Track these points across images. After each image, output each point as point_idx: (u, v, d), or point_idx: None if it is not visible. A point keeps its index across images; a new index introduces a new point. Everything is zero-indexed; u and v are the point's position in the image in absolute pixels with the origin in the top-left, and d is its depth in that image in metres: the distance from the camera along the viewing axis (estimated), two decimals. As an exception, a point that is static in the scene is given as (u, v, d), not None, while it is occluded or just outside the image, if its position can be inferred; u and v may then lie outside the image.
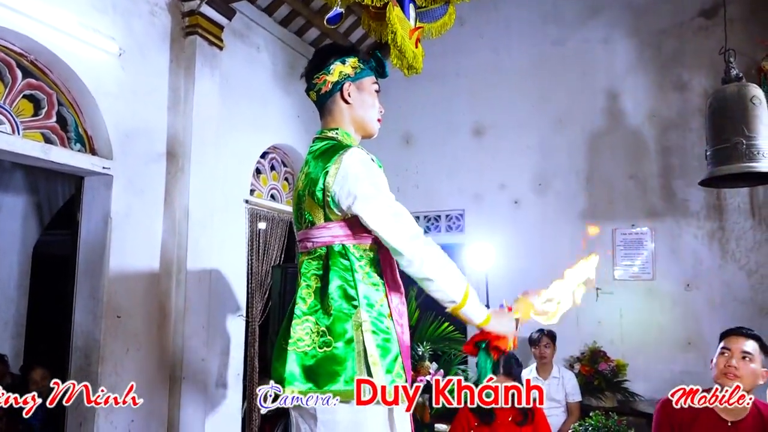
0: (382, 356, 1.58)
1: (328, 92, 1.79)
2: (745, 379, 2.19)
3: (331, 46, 1.91)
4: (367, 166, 1.63)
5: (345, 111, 1.79)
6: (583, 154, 5.19)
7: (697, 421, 2.24)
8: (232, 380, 4.11)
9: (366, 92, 1.81)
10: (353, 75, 1.79)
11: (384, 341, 1.60)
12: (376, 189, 1.60)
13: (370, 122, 1.82)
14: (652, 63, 5.05)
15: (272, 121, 4.86)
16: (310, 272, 1.69)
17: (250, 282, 4.42)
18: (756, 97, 3.33)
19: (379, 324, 1.61)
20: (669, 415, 2.31)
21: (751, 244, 4.60)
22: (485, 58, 5.59)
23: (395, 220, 1.58)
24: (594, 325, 4.91)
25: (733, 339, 2.27)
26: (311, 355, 1.57)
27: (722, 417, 2.22)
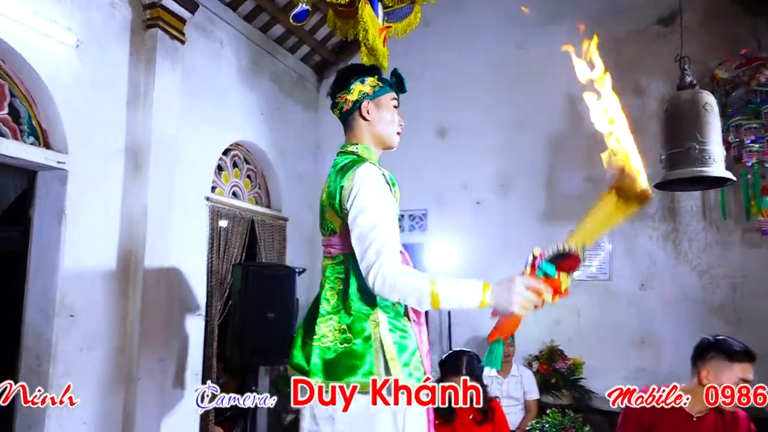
0: (399, 352, 1.70)
1: (349, 110, 1.93)
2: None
3: (352, 66, 2.01)
4: (373, 183, 1.73)
5: (365, 127, 1.93)
6: (543, 156, 5.28)
7: (664, 416, 2.31)
8: (190, 380, 4.04)
9: (384, 108, 1.94)
10: (371, 93, 1.92)
11: (401, 338, 1.73)
12: (367, 207, 1.68)
13: (389, 136, 1.97)
14: (611, 68, 5.10)
15: (235, 117, 4.80)
16: (334, 276, 1.83)
17: (210, 281, 4.35)
18: (708, 104, 3.44)
19: (396, 323, 1.75)
20: (636, 410, 2.37)
21: (703, 245, 4.76)
22: (450, 59, 5.63)
23: (366, 243, 1.64)
24: (552, 324, 5.01)
25: (750, 369, 2.25)
26: (333, 350, 1.72)
27: (688, 411, 2.30)
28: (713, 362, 2.27)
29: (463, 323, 5.16)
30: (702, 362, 2.31)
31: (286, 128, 5.49)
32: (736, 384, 2.21)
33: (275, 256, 5.13)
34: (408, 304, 1.65)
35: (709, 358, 2.29)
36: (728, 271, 4.66)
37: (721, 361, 2.25)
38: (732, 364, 2.23)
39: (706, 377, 2.28)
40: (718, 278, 4.69)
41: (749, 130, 3.97)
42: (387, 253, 1.62)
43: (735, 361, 2.24)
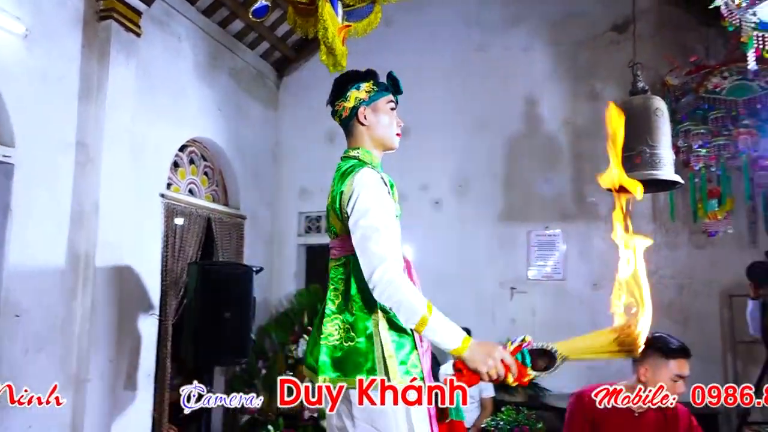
0: (397, 350, 1.77)
1: (347, 117, 1.98)
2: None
3: (348, 73, 2.06)
4: (372, 188, 1.78)
5: (363, 132, 1.97)
6: (501, 157, 5.36)
7: (609, 411, 2.37)
8: (142, 381, 3.95)
9: (381, 112, 1.97)
10: (367, 99, 1.97)
11: (399, 337, 1.79)
12: (368, 211, 1.74)
13: (389, 138, 1.99)
14: (567, 73, 5.29)
15: (192, 113, 4.71)
16: (337, 277, 1.90)
17: (164, 279, 4.25)
18: (659, 109, 3.55)
19: (395, 322, 1.78)
20: (583, 406, 2.44)
21: (652, 247, 4.89)
22: (411, 60, 5.64)
23: (368, 246, 1.71)
24: (508, 322, 5.09)
25: (685, 365, 2.30)
26: (339, 348, 1.79)
27: (630, 408, 2.37)
28: (650, 359, 2.33)
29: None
30: (640, 360, 2.36)
31: (245, 125, 5.42)
32: (672, 380, 2.28)
33: (232, 254, 5.06)
34: (397, 314, 1.69)
35: (646, 356, 2.32)
36: (676, 272, 4.83)
37: (658, 358, 2.31)
38: (668, 361, 2.29)
39: (644, 374, 2.35)
40: (666, 278, 4.85)
41: (697, 135, 4.11)
42: (390, 260, 1.68)
43: (670, 357, 2.29)
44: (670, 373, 2.28)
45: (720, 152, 4.13)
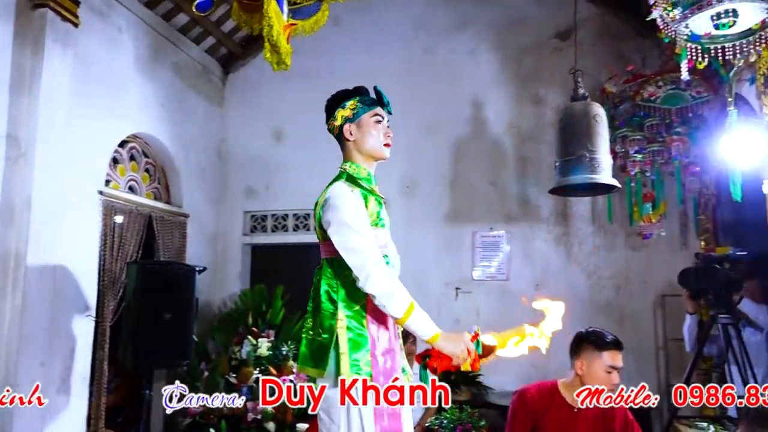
0: (351, 350, 1.91)
1: (337, 134, 2.15)
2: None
3: (337, 94, 2.21)
4: (344, 199, 1.95)
5: (352, 147, 2.13)
6: (448, 159, 5.43)
7: (550, 408, 2.47)
8: (77, 385, 3.79)
9: (366, 127, 2.11)
10: (352, 116, 2.12)
11: (356, 336, 1.93)
12: (344, 219, 1.92)
13: (375, 150, 2.13)
14: (513, 77, 5.41)
15: (133, 108, 4.56)
16: (317, 278, 2.06)
17: (101, 279, 4.10)
18: (598, 116, 3.67)
19: (354, 323, 1.94)
20: (525, 403, 2.52)
21: (591, 248, 5.08)
22: (359, 60, 5.65)
23: (351, 246, 1.90)
24: (453, 323, 5.14)
25: (617, 356, 2.41)
26: (312, 341, 1.99)
27: (569, 404, 2.46)
28: (585, 353, 2.45)
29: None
30: (576, 355, 2.49)
31: (189, 122, 5.29)
32: (606, 371, 2.39)
33: (174, 254, 4.92)
34: (386, 304, 1.86)
35: (581, 350, 2.48)
36: (613, 273, 5.01)
37: (592, 351, 2.43)
38: (601, 353, 2.40)
39: (580, 368, 2.45)
40: (604, 279, 5.03)
41: (634, 141, 4.28)
42: (369, 254, 1.88)
43: (603, 349, 2.40)
44: (604, 365, 2.39)
45: (654, 158, 4.31)
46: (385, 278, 1.87)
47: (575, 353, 2.51)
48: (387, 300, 1.85)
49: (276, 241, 5.74)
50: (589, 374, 2.42)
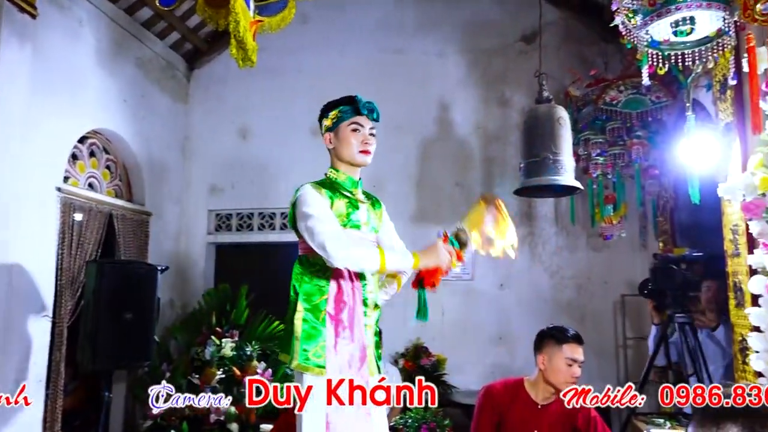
0: (304, 340, 2.04)
1: (325, 143, 2.32)
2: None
3: (326, 104, 2.37)
4: (310, 199, 2.10)
5: (332, 154, 2.30)
6: (415, 159, 5.45)
7: (514, 403, 2.54)
8: (32, 387, 3.68)
9: (343, 135, 2.25)
10: (331, 126, 2.28)
11: (311, 329, 2.05)
12: (307, 209, 2.07)
13: (351, 156, 2.24)
14: (479, 79, 5.46)
15: (93, 103, 4.45)
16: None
17: (59, 278, 3.99)
18: (562, 118, 3.74)
19: (311, 315, 2.07)
20: (491, 398, 2.59)
21: (554, 248, 5.17)
22: (328, 59, 5.63)
23: (310, 229, 2.04)
24: (418, 322, 5.16)
25: (577, 349, 2.51)
26: (284, 329, 2.15)
27: (533, 400, 2.54)
28: (547, 348, 2.55)
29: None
30: (539, 350, 2.59)
31: (152, 118, 5.19)
32: (567, 364, 2.48)
33: (136, 253, 4.82)
34: (363, 268, 2.06)
35: (544, 345, 2.58)
36: (575, 273, 5.11)
37: (553, 345, 2.53)
38: (561, 346, 2.51)
39: (542, 362, 2.54)
40: (566, 279, 5.12)
41: (596, 144, 4.36)
42: (329, 236, 1.99)
43: (564, 342, 2.51)
44: (565, 357, 2.49)
45: (615, 161, 4.40)
46: (342, 247, 1.98)
47: (538, 349, 2.60)
48: (356, 264, 2.02)
49: (241, 240, 5.67)
50: (551, 368, 2.51)
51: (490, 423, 2.54)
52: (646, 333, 4.84)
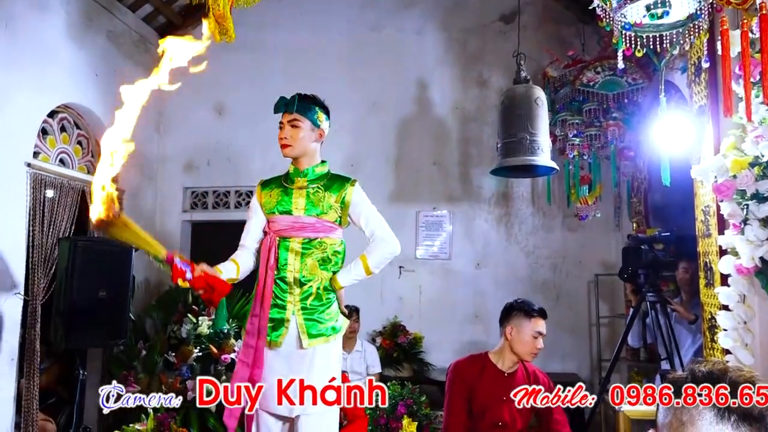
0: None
1: None
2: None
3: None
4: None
5: None
6: (393, 138, 5.43)
7: (482, 374, 2.67)
8: (4, 366, 3.63)
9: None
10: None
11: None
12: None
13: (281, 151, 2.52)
14: (458, 58, 5.44)
15: (63, 77, 4.33)
16: None
17: (30, 256, 3.91)
18: (539, 99, 3.75)
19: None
20: (460, 372, 2.70)
21: (531, 228, 5.23)
22: (304, 36, 5.55)
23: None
24: (396, 301, 5.22)
25: (542, 323, 2.67)
26: None
27: (500, 369, 2.69)
28: (515, 320, 2.68)
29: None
30: (507, 321, 2.72)
31: (125, 93, 5.06)
32: (533, 336, 2.64)
33: (110, 230, 4.74)
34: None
35: (512, 317, 2.71)
36: (551, 252, 5.18)
37: (522, 318, 2.66)
38: (530, 320, 2.65)
39: (510, 333, 2.67)
40: (542, 258, 5.19)
41: (572, 125, 4.39)
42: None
43: (531, 317, 2.66)
44: (532, 331, 2.64)
45: (592, 142, 4.44)
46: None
47: (505, 320, 2.73)
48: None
49: (217, 218, 5.62)
50: (518, 338, 2.64)
51: (461, 396, 2.64)
52: (618, 312, 4.96)
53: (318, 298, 2.39)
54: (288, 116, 2.53)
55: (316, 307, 2.38)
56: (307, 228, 2.42)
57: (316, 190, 2.44)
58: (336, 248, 2.48)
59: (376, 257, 2.48)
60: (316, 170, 2.50)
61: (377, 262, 2.48)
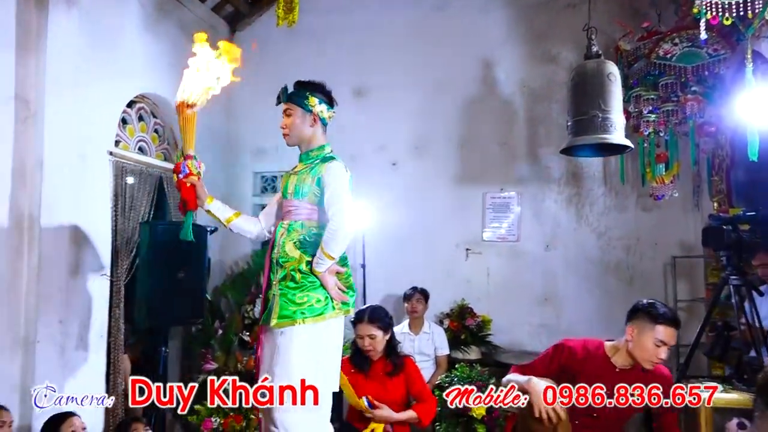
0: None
1: None
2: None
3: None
4: None
5: None
6: (458, 119, 5.37)
7: (587, 361, 2.46)
8: (94, 342, 3.87)
9: None
10: None
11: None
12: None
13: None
14: (524, 35, 5.29)
15: (140, 67, 4.51)
16: None
17: (115, 239, 4.14)
18: (612, 74, 3.60)
19: None
20: (562, 350, 2.51)
21: (602, 209, 5.06)
22: (369, 18, 5.54)
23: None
24: (463, 283, 5.19)
25: (669, 333, 2.38)
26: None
27: (612, 362, 2.46)
28: (639, 321, 2.42)
29: (376, 283, 5.23)
30: (631, 321, 2.47)
31: (197, 82, 5.23)
32: (655, 344, 2.36)
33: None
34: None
35: (636, 317, 2.45)
36: (624, 233, 5.00)
37: (646, 321, 2.40)
38: (655, 326, 2.37)
39: (631, 333, 2.44)
40: (614, 240, 5.02)
41: (647, 100, 4.20)
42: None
43: (658, 323, 2.38)
44: (654, 338, 2.37)
45: (668, 118, 4.24)
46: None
47: (629, 319, 2.49)
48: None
49: (286, 202, 5.74)
50: (638, 343, 2.41)
51: (548, 370, 2.46)
52: (698, 296, 4.74)
53: (293, 279, 2.41)
54: (284, 106, 2.73)
55: (291, 289, 2.40)
56: (293, 211, 2.52)
57: (303, 173, 2.54)
58: (313, 231, 2.46)
59: (325, 239, 2.39)
60: (311, 154, 2.61)
61: (327, 245, 2.38)
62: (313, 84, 2.74)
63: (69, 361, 3.61)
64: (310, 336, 2.39)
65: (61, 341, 3.53)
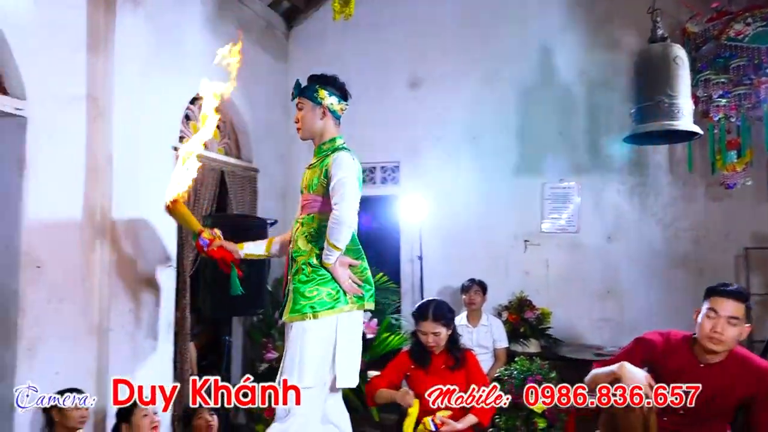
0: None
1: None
2: (728, 343, 2.26)
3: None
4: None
5: None
6: (514, 108, 5.27)
7: (670, 355, 2.37)
8: (163, 331, 4.03)
9: None
10: None
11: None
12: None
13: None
14: (583, 21, 5.14)
15: (201, 64, 4.63)
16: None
17: (181, 232, 4.29)
18: (679, 58, 3.46)
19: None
20: (643, 346, 2.44)
21: (668, 199, 4.87)
22: (423, 8, 5.52)
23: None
24: (522, 275, 5.12)
25: (720, 302, 2.27)
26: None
27: (696, 357, 2.34)
28: (703, 302, 2.34)
29: (433, 275, 5.22)
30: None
31: (255, 78, 5.34)
32: (706, 315, 2.27)
33: (246, 208, 5.08)
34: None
35: (703, 301, 2.36)
36: (692, 224, 4.80)
37: (705, 297, 2.33)
38: (709, 297, 2.31)
39: (695, 316, 2.35)
40: (681, 231, 4.83)
41: (717, 84, 4.01)
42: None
43: (712, 294, 2.30)
44: (705, 308, 2.29)
45: (741, 102, 4.04)
46: None
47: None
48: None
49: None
50: (698, 321, 2.32)
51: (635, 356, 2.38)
52: (773, 288, 4.50)
53: (304, 273, 2.40)
54: (297, 101, 2.71)
55: (302, 283, 2.39)
56: (306, 206, 2.54)
57: (315, 166, 2.52)
58: (323, 223, 2.38)
59: (329, 229, 2.31)
60: (323, 147, 2.56)
61: (331, 234, 2.30)
62: (324, 77, 2.71)
63: (139, 348, 3.78)
64: (321, 330, 2.35)
65: (132, 330, 3.69)
